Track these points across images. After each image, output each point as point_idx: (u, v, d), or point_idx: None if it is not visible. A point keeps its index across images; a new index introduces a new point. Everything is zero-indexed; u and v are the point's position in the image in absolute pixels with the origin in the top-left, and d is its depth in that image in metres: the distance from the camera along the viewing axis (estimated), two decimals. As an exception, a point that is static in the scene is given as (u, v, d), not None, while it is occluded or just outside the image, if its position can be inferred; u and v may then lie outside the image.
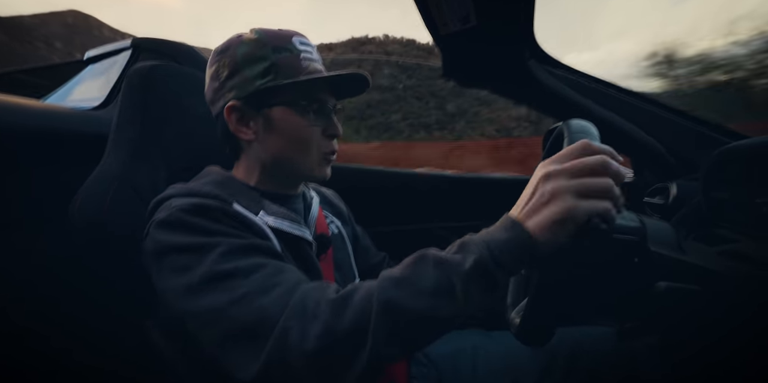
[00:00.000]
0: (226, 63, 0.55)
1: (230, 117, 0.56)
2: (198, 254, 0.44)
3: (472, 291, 0.37)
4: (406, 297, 0.37)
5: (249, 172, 0.60)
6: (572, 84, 0.89)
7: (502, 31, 0.75)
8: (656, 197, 0.84)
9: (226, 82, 0.56)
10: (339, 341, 0.37)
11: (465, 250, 0.39)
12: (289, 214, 0.56)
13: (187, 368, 0.53)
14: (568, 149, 0.39)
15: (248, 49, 0.54)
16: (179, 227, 0.46)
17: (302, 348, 0.37)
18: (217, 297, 0.41)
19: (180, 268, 0.44)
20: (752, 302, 0.51)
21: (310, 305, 0.39)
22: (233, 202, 0.51)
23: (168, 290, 0.45)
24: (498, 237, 0.38)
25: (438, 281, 0.37)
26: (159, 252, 0.46)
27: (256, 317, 0.39)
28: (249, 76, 0.54)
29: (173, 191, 0.52)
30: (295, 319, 0.38)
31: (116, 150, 0.63)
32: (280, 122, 0.56)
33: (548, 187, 0.38)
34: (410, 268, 0.39)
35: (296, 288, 0.42)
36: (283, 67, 0.54)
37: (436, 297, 0.37)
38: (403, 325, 0.37)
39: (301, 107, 0.56)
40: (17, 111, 0.68)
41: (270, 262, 0.45)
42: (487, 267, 0.37)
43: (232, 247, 0.45)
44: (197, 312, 0.42)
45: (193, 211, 0.47)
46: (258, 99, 0.55)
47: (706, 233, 0.64)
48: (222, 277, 0.42)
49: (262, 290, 0.41)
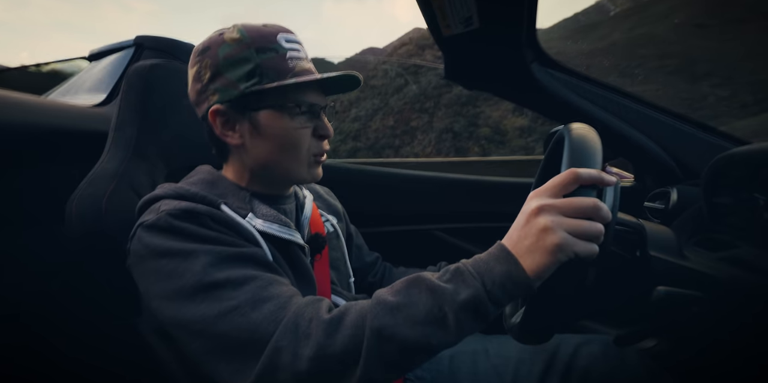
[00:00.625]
0: (207, 64, 0.53)
1: (215, 121, 0.54)
2: (186, 261, 0.43)
3: (463, 322, 0.38)
4: (399, 325, 0.37)
5: (238, 174, 0.59)
6: (574, 87, 0.89)
7: (505, 33, 0.75)
8: (656, 202, 0.84)
9: (208, 85, 0.53)
10: (330, 364, 0.37)
11: (459, 280, 0.39)
12: (279, 217, 0.55)
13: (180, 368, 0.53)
14: (558, 180, 0.40)
15: (230, 51, 0.52)
16: (167, 231, 0.46)
17: (294, 369, 0.37)
18: (207, 308, 0.41)
19: (168, 273, 0.43)
20: (752, 308, 0.51)
21: (303, 324, 0.40)
22: (221, 203, 0.51)
23: (154, 295, 0.45)
24: (493, 270, 0.39)
25: (430, 309, 0.38)
26: (146, 255, 0.45)
27: (248, 333, 0.39)
28: (232, 79, 0.52)
29: (161, 191, 0.51)
30: (287, 339, 0.39)
31: (115, 149, 0.63)
32: (268, 126, 0.53)
33: (540, 221, 0.39)
34: (404, 294, 0.40)
35: (288, 303, 0.42)
36: (268, 69, 0.51)
37: (427, 325, 0.38)
38: (395, 352, 0.37)
39: (288, 110, 0.53)
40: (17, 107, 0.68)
41: (261, 274, 0.45)
42: (481, 301, 0.38)
43: (222, 255, 0.44)
44: (186, 321, 0.42)
45: (182, 216, 0.47)
46: (243, 103, 0.53)
47: (706, 238, 0.63)
48: (212, 287, 0.42)
49: (254, 303, 0.41)
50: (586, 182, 0.40)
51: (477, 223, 1.22)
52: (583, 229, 0.38)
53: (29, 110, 0.70)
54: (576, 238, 0.38)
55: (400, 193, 1.22)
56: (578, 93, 0.89)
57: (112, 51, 1.11)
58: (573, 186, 0.40)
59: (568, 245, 0.37)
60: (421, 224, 1.23)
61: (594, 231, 0.38)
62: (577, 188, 0.40)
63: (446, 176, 1.25)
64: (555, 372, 0.65)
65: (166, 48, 0.99)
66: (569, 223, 0.38)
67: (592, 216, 0.39)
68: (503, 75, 0.88)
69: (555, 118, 0.96)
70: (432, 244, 1.22)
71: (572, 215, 0.39)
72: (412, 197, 1.23)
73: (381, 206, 1.21)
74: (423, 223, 1.23)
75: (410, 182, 1.24)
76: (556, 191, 0.40)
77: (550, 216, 0.39)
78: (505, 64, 0.84)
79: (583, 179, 0.39)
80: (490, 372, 0.68)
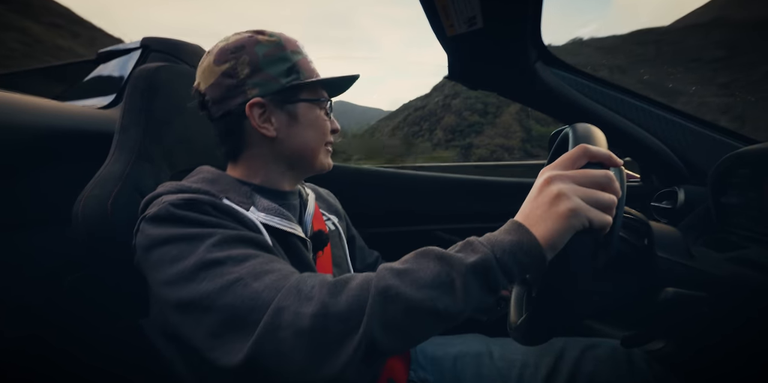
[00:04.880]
0: (246, 61, 0.57)
1: (252, 114, 0.57)
2: (189, 244, 0.44)
3: (471, 288, 0.37)
4: (404, 286, 0.37)
5: (252, 169, 0.61)
6: (579, 87, 0.89)
7: (509, 33, 0.75)
8: (663, 202, 0.83)
9: (246, 80, 0.57)
10: (333, 321, 0.36)
11: (469, 249, 0.39)
12: (280, 210, 0.56)
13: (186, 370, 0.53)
14: (568, 154, 0.41)
15: (269, 50, 0.58)
16: (170, 220, 0.46)
17: (295, 326, 0.36)
18: (209, 284, 0.41)
19: (172, 259, 0.44)
20: (760, 309, 0.50)
21: (305, 288, 0.39)
22: (223, 198, 0.52)
23: (161, 282, 0.44)
24: (503, 239, 0.38)
25: (438, 274, 0.37)
26: (150, 246, 0.46)
27: (249, 301, 0.39)
28: (273, 74, 0.57)
29: (163, 189, 0.52)
30: (289, 300, 0.38)
31: (120, 151, 0.63)
32: (305, 116, 0.60)
33: (553, 188, 0.39)
34: (411, 261, 0.40)
35: (290, 275, 0.42)
36: (302, 68, 0.59)
37: (434, 288, 0.37)
38: (400, 312, 0.36)
39: (320, 103, 0.62)
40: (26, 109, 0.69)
41: (262, 253, 0.46)
42: (490, 267, 0.37)
43: (224, 237, 0.45)
44: (189, 300, 0.41)
45: (184, 205, 0.47)
46: (282, 96, 0.58)
47: (714, 238, 0.63)
48: (214, 265, 0.42)
49: (255, 276, 0.41)
50: (594, 159, 0.40)
51: (479, 223, 1.22)
52: (597, 197, 0.38)
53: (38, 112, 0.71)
54: (590, 205, 0.38)
55: (402, 193, 1.23)
56: (583, 92, 0.88)
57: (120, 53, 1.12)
58: (583, 160, 0.40)
59: (582, 210, 0.37)
60: (423, 225, 1.23)
61: (607, 200, 0.38)
62: (586, 164, 0.41)
63: (448, 177, 1.25)
64: (560, 375, 0.64)
65: (173, 50, 1.00)
66: (583, 191, 0.38)
67: (605, 188, 0.39)
68: (507, 75, 0.88)
69: (560, 117, 0.96)
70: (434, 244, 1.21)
71: (585, 185, 0.39)
72: (414, 198, 1.23)
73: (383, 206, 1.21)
74: (425, 223, 1.23)
75: (412, 182, 1.24)
76: (567, 165, 0.41)
77: (563, 184, 0.39)
78: (509, 63, 0.84)
79: (593, 154, 0.40)
80: (495, 375, 0.68)
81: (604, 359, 0.65)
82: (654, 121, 0.87)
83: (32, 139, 0.67)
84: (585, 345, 0.68)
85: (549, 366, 0.66)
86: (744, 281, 0.50)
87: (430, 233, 1.23)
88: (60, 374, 0.67)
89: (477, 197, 1.23)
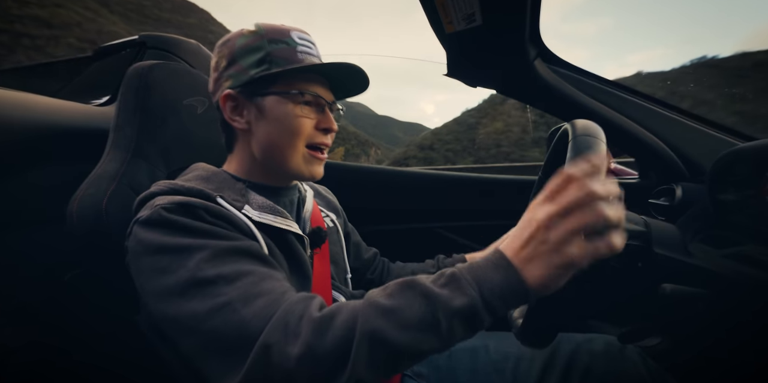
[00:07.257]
0: (225, 54, 0.58)
1: (225, 106, 0.58)
2: (180, 256, 0.43)
3: (456, 331, 0.37)
4: (390, 329, 0.37)
5: (242, 164, 0.61)
6: (578, 84, 0.88)
7: (508, 30, 0.75)
8: (661, 199, 0.83)
9: (223, 73, 0.58)
10: (319, 364, 0.37)
11: (455, 287, 0.38)
12: (274, 207, 0.56)
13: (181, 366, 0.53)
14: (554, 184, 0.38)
15: (246, 41, 0.57)
16: (162, 226, 0.45)
17: (282, 367, 0.37)
18: (198, 304, 0.40)
19: (161, 269, 0.43)
20: (758, 305, 0.50)
21: (293, 321, 0.39)
22: (217, 197, 0.51)
23: (148, 291, 0.44)
24: (490, 279, 0.37)
25: (424, 315, 0.37)
26: (141, 252, 0.45)
27: (237, 330, 0.39)
28: (244, 65, 0.56)
29: (157, 188, 0.52)
30: (276, 335, 0.38)
31: (115, 150, 0.63)
32: (272, 110, 0.56)
33: (552, 236, 0.36)
34: (397, 297, 0.39)
35: (280, 299, 0.41)
36: (278, 58, 0.55)
37: (420, 331, 0.37)
38: (384, 356, 0.37)
39: (292, 97, 0.56)
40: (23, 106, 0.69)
41: (255, 269, 0.45)
42: (476, 311, 0.37)
43: (216, 250, 0.44)
44: (177, 317, 0.41)
45: (176, 210, 0.46)
46: (252, 88, 0.57)
47: (712, 235, 0.63)
48: (204, 284, 0.41)
49: (245, 300, 0.40)
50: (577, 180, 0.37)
51: (479, 221, 1.22)
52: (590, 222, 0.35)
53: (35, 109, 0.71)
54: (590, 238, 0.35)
55: (402, 191, 1.23)
56: (582, 89, 0.88)
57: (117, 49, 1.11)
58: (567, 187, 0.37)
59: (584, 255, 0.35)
60: (424, 222, 1.23)
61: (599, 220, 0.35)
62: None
63: (448, 174, 1.25)
64: (555, 369, 0.65)
65: (169, 47, 0.99)
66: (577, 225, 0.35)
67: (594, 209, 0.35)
68: (506, 72, 0.88)
69: (559, 115, 0.96)
70: (434, 242, 1.22)
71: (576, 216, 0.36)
72: (415, 195, 1.23)
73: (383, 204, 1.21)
74: (425, 221, 1.24)
75: (412, 179, 1.24)
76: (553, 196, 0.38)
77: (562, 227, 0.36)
78: (508, 60, 0.84)
79: (573, 177, 0.37)
80: (490, 368, 0.68)
81: (598, 353, 0.65)
82: (652, 118, 0.87)
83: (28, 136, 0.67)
84: (580, 339, 0.69)
85: (544, 360, 0.66)
86: (741, 278, 0.50)
87: (431, 230, 1.23)
88: (59, 372, 0.67)
89: (477, 195, 1.24)
